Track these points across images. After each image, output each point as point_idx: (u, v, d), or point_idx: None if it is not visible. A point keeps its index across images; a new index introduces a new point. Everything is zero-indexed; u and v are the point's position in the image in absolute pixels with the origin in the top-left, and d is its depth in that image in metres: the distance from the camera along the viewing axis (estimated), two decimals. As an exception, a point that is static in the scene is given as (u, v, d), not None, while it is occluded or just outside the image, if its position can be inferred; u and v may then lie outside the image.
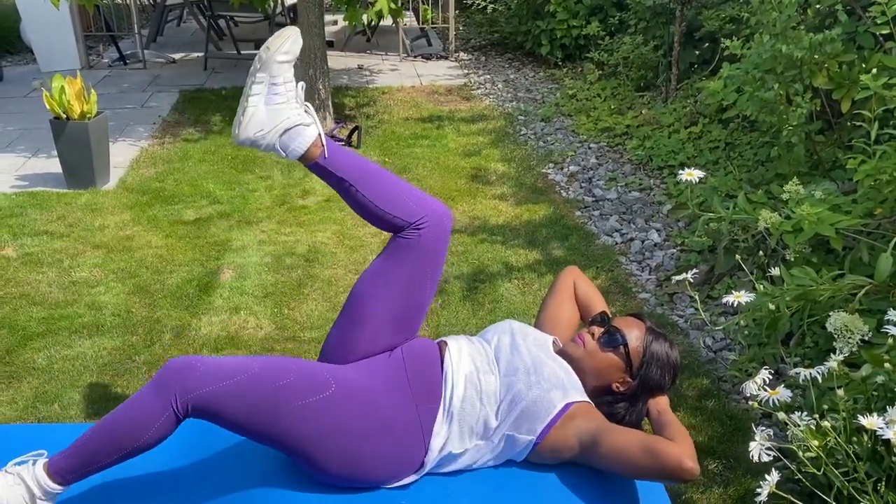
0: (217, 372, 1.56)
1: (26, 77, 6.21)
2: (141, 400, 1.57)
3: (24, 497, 1.57)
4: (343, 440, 1.59)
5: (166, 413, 1.54)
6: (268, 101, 1.69)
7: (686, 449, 1.51)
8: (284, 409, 1.57)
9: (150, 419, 1.55)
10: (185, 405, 1.54)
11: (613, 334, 1.74)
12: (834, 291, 1.86)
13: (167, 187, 4.06)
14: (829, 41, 2.60)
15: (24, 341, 2.71)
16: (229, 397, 1.55)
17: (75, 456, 1.59)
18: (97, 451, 1.58)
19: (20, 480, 1.57)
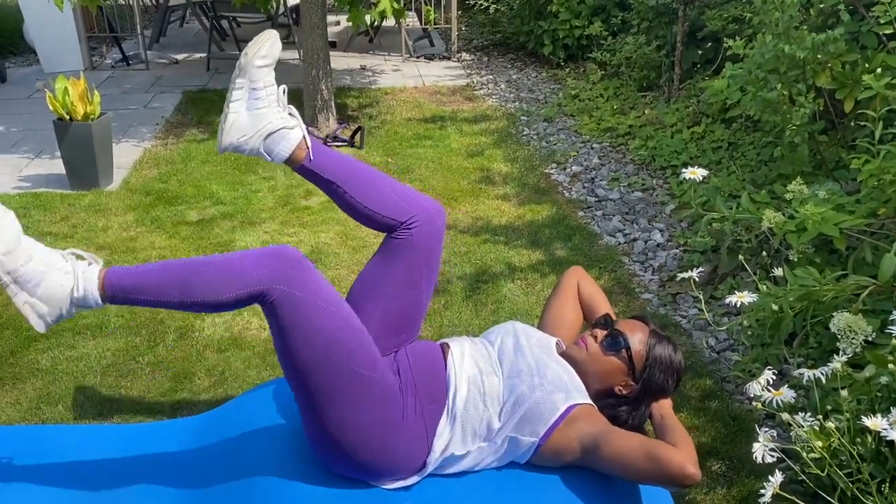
0: (318, 288, 1.57)
1: (30, 78, 6.23)
2: (240, 262, 1.56)
3: (62, 288, 1.55)
4: (360, 418, 1.60)
5: (255, 287, 1.53)
6: (249, 106, 1.69)
7: (688, 455, 1.50)
8: (335, 360, 1.57)
9: (237, 284, 1.54)
10: (274, 293, 1.53)
11: (616, 337, 1.73)
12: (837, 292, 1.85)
13: (170, 188, 4.06)
14: (832, 41, 2.60)
15: (28, 342, 2.71)
16: (309, 316, 1.55)
17: (137, 279, 1.57)
18: (165, 286, 1.55)
19: (72, 273, 1.56)
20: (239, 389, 2.46)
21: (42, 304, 1.55)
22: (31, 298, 1.55)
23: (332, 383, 1.58)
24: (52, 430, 2.06)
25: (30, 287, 1.54)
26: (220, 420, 1.99)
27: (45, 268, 1.55)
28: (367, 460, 1.62)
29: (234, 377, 2.54)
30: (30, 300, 1.55)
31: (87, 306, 1.58)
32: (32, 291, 1.54)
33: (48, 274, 1.55)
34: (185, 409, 2.38)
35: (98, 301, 1.57)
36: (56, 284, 1.55)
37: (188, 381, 2.52)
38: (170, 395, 2.45)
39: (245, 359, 2.63)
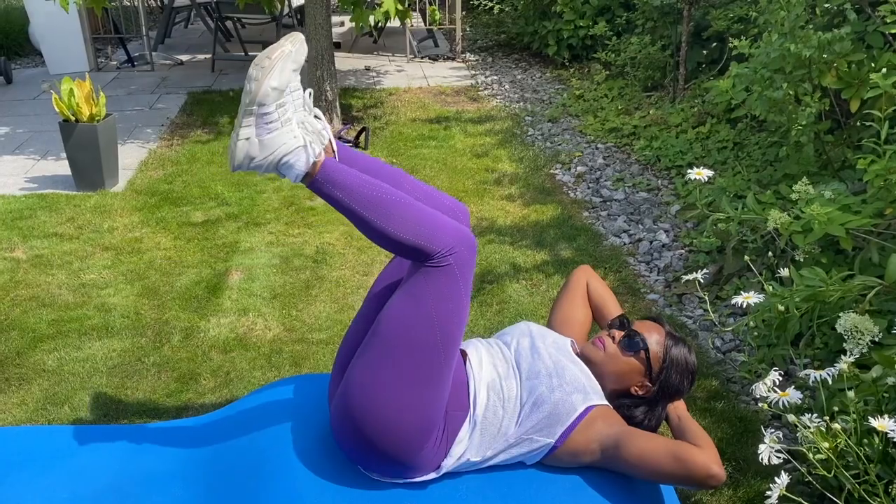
0: (470, 281, 1.62)
1: (35, 79, 6.24)
2: (443, 220, 1.59)
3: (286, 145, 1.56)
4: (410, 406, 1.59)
5: (440, 247, 1.56)
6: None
7: (712, 455, 1.51)
8: (436, 348, 1.59)
9: (432, 234, 1.56)
10: (447, 263, 1.57)
11: (634, 338, 1.73)
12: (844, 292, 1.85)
13: (175, 189, 4.07)
14: (838, 40, 2.59)
15: (35, 343, 2.72)
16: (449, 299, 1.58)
17: (348, 178, 1.59)
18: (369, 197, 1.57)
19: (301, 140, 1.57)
20: (244, 390, 2.46)
21: (258, 147, 1.56)
22: (255, 136, 1.56)
23: (416, 363, 1.58)
24: (58, 430, 2.06)
25: (262, 127, 1.55)
26: (226, 421, 2.00)
27: (286, 121, 1.57)
28: (388, 450, 1.60)
29: (239, 378, 2.54)
30: (252, 137, 1.56)
31: (288, 175, 1.59)
32: (261, 132, 1.56)
33: (284, 128, 1.56)
34: (190, 409, 2.39)
35: (300, 175, 1.58)
36: (281, 140, 1.56)
37: (193, 382, 2.52)
38: (175, 395, 2.46)
39: (250, 360, 2.63)
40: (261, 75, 1.52)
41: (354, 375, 1.63)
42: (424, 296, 1.58)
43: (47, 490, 1.79)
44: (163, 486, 1.81)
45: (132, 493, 1.79)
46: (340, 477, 1.70)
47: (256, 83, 1.53)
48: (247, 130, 1.56)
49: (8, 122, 5.23)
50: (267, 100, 1.53)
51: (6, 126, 5.13)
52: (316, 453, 1.76)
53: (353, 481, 1.69)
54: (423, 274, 1.59)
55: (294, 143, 1.57)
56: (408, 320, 1.58)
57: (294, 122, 1.59)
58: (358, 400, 1.61)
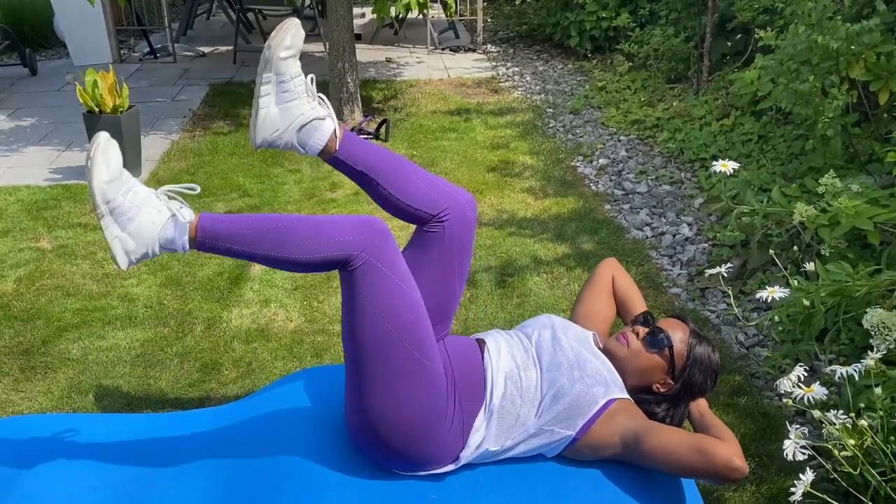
0: (398, 265, 1.58)
1: (59, 71, 6.30)
2: (334, 225, 1.56)
3: (153, 225, 1.54)
4: (407, 404, 1.59)
5: (346, 252, 1.54)
6: (279, 99, 1.65)
7: (735, 448, 1.50)
8: (399, 341, 1.57)
9: (327, 245, 1.54)
10: (360, 260, 1.54)
11: (658, 335, 1.72)
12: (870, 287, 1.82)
13: (198, 180, 4.09)
14: (867, 31, 2.55)
15: (60, 332, 2.75)
16: (386, 292, 1.56)
17: (230, 226, 1.57)
18: (257, 237, 1.55)
19: (168, 215, 1.56)
20: (266, 380, 2.48)
21: (130, 240, 1.54)
22: (121, 233, 1.54)
23: (390, 363, 1.58)
24: (83, 418, 2.09)
25: (123, 221, 1.54)
26: (248, 410, 2.01)
27: (140, 203, 1.55)
28: (403, 449, 1.62)
29: (260, 368, 2.55)
30: (120, 234, 1.54)
31: (174, 249, 1.57)
32: (124, 226, 1.54)
33: (143, 209, 1.54)
34: (212, 399, 2.41)
35: (186, 245, 1.56)
36: (148, 221, 1.54)
37: (216, 372, 2.54)
38: (197, 385, 2.48)
39: (272, 350, 2.65)
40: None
41: (348, 390, 1.66)
42: (361, 301, 1.57)
43: (73, 478, 1.81)
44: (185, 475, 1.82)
45: (155, 481, 1.80)
46: (360, 468, 1.70)
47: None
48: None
49: (33, 113, 5.28)
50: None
51: (31, 117, 5.19)
52: (336, 444, 1.77)
53: (373, 473, 1.69)
54: (348, 282, 1.58)
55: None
56: (360, 330, 1.58)
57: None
58: (360, 411, 1.63)
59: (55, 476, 1.82)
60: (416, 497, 1.64)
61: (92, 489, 1.78)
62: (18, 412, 2.34)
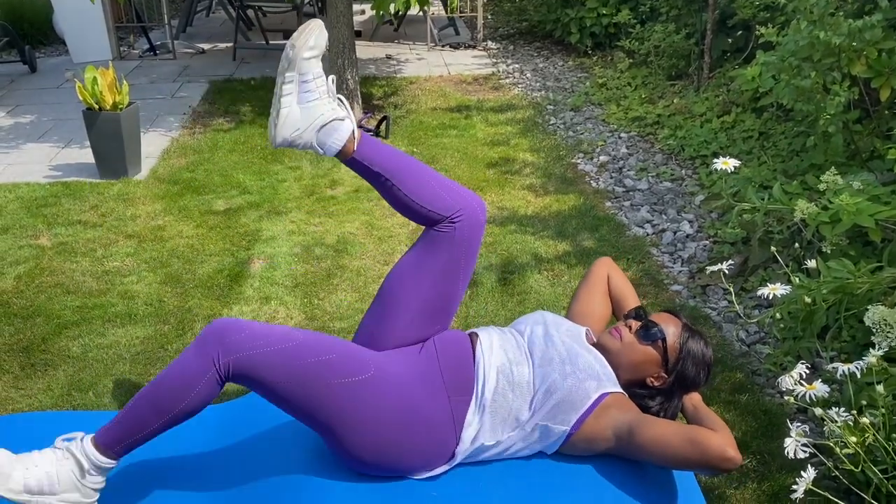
0: (261, 337, 1.55)
1: (59, 68, 6.29)
2: (182, 362, 1.56)
3: (73, 472, 1.57)
4: (376, 425, 1.59)
5: (208, 374, 1.52)
6: (300, 99, 1.67)
7: (728, 438, 1.51)
8: (322, 385, 1.56)
9: (192, 381, 1.53)
10: (227, 366, 1.52)
11: (651, 329, 1.73)
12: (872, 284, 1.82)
13: (198, 177, 4.09)
14: (869, 28, 2.54)
15: (59, 329, 2.75)
16: (271, 364, 1.53)
17: (120, 426, 1.58)
18: (142, 418, 1.56)
19: (69, 455, 1.58)
20: (266, 378, 2.47)
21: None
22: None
23: (337, 406, 1.57)
24: (83, 416, 2.09)
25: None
26: (248, 408, 2.01)
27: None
28: (399, 460, 1.63)
29: (261, 366, 2.55)
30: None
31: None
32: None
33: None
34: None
35: (108, 461, 1.58)
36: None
37: (216, 370, 2.53)
38: (198, 383, 2.47)
39: (272, 348, 2.64)
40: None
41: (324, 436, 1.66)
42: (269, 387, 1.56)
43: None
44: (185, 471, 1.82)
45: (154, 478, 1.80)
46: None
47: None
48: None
49: (32, 110, 5.28)
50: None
51: (31, 114, 5.18)
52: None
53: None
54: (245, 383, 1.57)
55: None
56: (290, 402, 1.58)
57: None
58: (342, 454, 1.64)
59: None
60: (418, 496, 1.64)
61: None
62: (18, 410, 2.34)
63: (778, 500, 1.99)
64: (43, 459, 1.58)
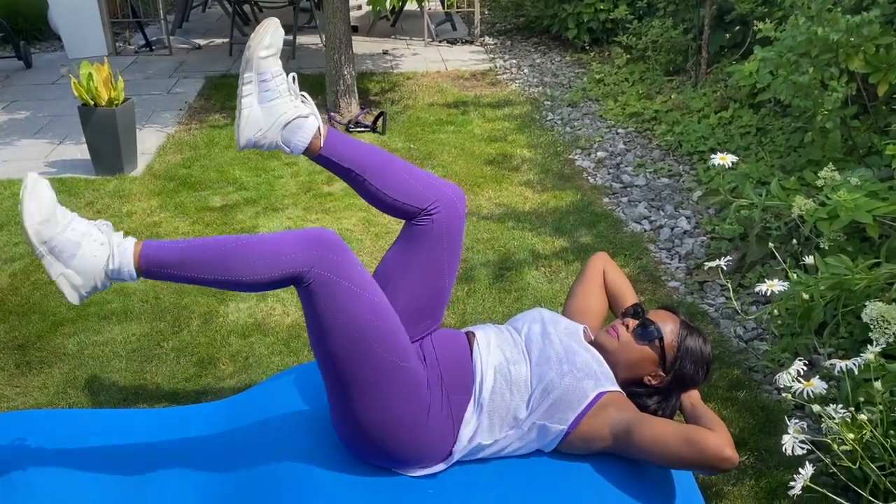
0: (356, 274, 1.56)
1: (54, 64, 6.27)
2: (281, 243, 1.54)
3: (97, 259, 1.52)
4: (387, 407, 1.59)
5: (295, 270, 1.52)
6: (261, 99, 1.65)
7: (725, 437, 1.50)
8: (367, 347, 1.56)
9: (276, 265, 1.52)
10: (312, 276, 1.52)
11: (648, 327, 1.72)
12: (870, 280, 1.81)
13: (194, 173, 4.07)
14: (867, 23, 2.54)
15: (55, 327, 2.74)
16: (344, 302, 1.54)
17: (173, 254, 1.55)
18: (203, 263, 1.53)
19: (107, 244, 1.54)
20: (263, 375, 2.46)
21: (76, 276, 1.52)
22: (65, 269, 1.51)
23: (363, 371, 1.57)
24: (78, 414, 2.08)
25: (64, 258, 1.51)
26: (244, 405, 2.00)
27: (80, 238, 1.52)
28: (394, 449, 1.62)
29: (257, 363, 2.54)
30: (65, 271, 1.52)
31: (122, 279, 1.54)
32: (67, 262, 1.51)
33: (83, 244, 1.52)
34: (209, 394, 2.39)
35: (133, 274, 1.54)
36: (90, 255, 1.52)
37: (212, 367, 2.53)
38: (194, 380, 2.46)
39: (269, 345, 2.64)
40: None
41: (330, 402, 1.66)
42: (321, 316, 1.56)
43: (69, 474, 1.80)
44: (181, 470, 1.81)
45: (151, 477, 1.80)
46: (358, 465, 1.69)
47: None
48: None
49: (27, 106, 5.26)
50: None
51: (26, 110, 5.16)
52: (334, 440, 1.76)
53: (371, 470, 1.68)
54: (306, 298, 1.56)
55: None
56: (327, 344, 1.57)
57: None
58: (343, 421, 1.64)
59: (50, 472, 1.81)
60: (414, 494, 1.63)
61: (87, 485, 1.77)
62: (13, 407, 2.33)
63: (775, 497, 1.99)
64: (80, 230, 1.53)
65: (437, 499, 1.62)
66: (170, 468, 1.83)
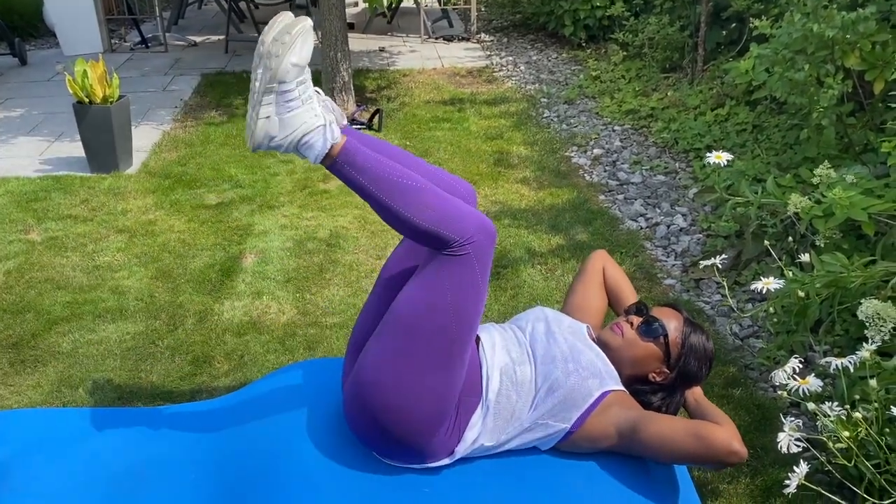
0: (488, 268, 1.60)
1: (49, 61, 6.25)
2: (458, 208, 1.57)
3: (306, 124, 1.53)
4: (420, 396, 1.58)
5: (456, 237, 1.54)
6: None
7: (732, 431, 1.50)
8: (450, 338, 1.58)
9: (446, 222, 1.54)
10: (461, 251, 1.55)
11: (652, 324, 1.72)
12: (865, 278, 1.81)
13: (189, 171, 4.06)
14: (863, 20, 2.53)
15: (49, 325, 2.73)
16: (466, 290, 1.57)
17: (370, 161, 1.57)
18: (389, 181, 1.56)
19: (322, 117, 1.55)
20: (258, 373, 2.46)
21: (277, 127, 1.53)
22: (275, 115, 1.52)
23: (430, 350, 1.57)
24: (73, 413, 2.07)
25: (283, 105, 1.52)
26: (239, 404, 1.99)
27: (306, 99, 1.54)
28: (401, 439, 1.60)
29: (253, 361, 2.54)
30: (273, 115, 1.52)
31: (306, 154, 1.55)
32: (281, 110, 1.52)
33: (305, 106, 1.53)
34: (204, 392, 2.39)
35: (320, 155, 1.55)
36: (303, 118, 1.53)
37: (207, 365, 2.52)
38: (189, 378, 2.46)
39: (264, 343, 2.63)
40: (282, 51, 1.48)
41: (368, 362, 1.62)
42: (442, 285, 1.57)
43: (63, 473, 1.80)
44: (176, 469, 1.81)
45: (146, 475, 1.79)
46: (354, 461, 1.69)
47: (277, 59, 1.48)
48: (267, 109, 1.53)
49: (22, 103, 5.24)
50: (288, 76, 1.50)
51: (21, 108, 5.14)
52: (330, 438, 1.75)
53: (367, 466, 1.68)
54: (441, 262, 1.57)
55: (315, 121, 1.54)
56: (424, 309, 1.57)
57: (315, 100, 1.56)
58: (371, 386, 1.60)
59: (45, 471, 1.80)
60: (410, 490, 1.63)
61: (81, 483, 1.77)
62: (7, 406, 2.32)
63: (771, 495, 1.99)
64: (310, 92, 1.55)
65: (433, 496, 1.61)
66: (164, 467, 1.82)
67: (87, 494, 1.74)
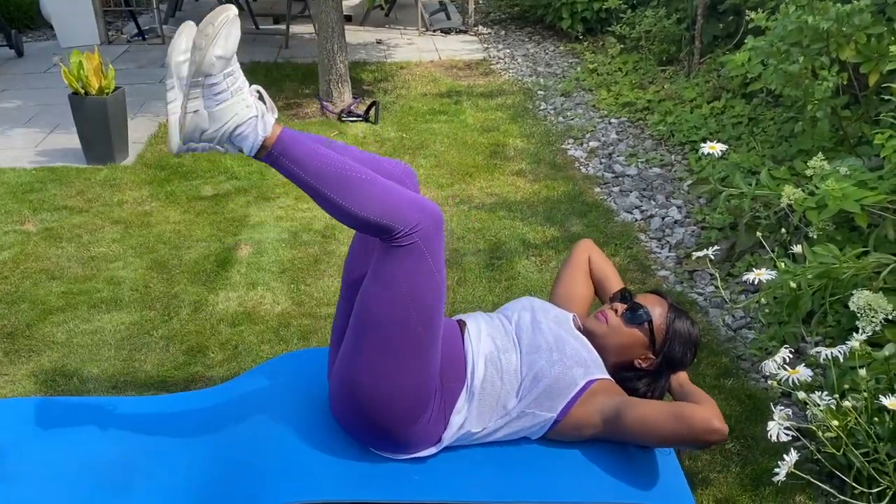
0: (439, 256, 1.58)
1: (46, 53, 6.23)
2: (402, 197, 1.54)
3: (238, 116, 1.49)
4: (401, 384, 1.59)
5: (400, 226, 1.52)
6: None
7: (713, 410, 1.52)
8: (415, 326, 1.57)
9: (389, 212, 1.52)
10: (407, 239, 1.53)
11: (637, 311, 1.73)
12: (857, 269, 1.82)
13: (185, 163, 4.06)
14: (858, 12, 2.53)
15: (44, 315, 2.73)
16: (419, 277, 1.55)
17: (305, 152, 1.52)
18: (326, 171, 1.52)
19: (254, 107, 1.50)
20: (252, 363, 2.46)
21: (207, 121, 1.48)
22: (203, 109, 1.48)
23: (397, 341, 1.57)
24: (68, 402, 2.07)
25: (211, 99, 1.47)
26: (233, 393, 2.00)
27: (237, 89, 1.49)
28: (388, 428, 1.61)
29: (247, 351, 2.54)
30: (201, 110, 1.48)
31: (240, 147, 1.51)
32: (209, 104, 1.48)
33: (235, 97, 1.48)
34: (198, 382, 2.39)
35: (255, 148, 1.50)
36: (235, 110, 1.48)
37: (202, 355, 2.52)
38: (183, 368, 2.46)
39: (258, 333, 2.63)
40: (205, 43, 1.44)
41: (345, 360, 1.64)
42: (395, 277, 1.56)
43: (57, 461, 1.80)
44: (170, 457, 1.81)
45: (140, 464, 1.80)
46: (345, 451, 1.70)
47: (201, 52, 1.44)
48: (195, 103, 1.49)
49: (19, 95, 5.23)
50: (213, 69, 1.46)
51: (17, 99, 5.13)
52: (322, 427, 1.76)
53: (358, 455, 1.69)
54: (391, 254, 1.56)
55: (247, 112, 1.50)
56: (383, 303, 1.57)
57: (246, 91, 1.52)
58: (350, 383, 1.62)
59: (39, 460, 1.81)
60: (400, 479, 1.64)
61: (76, 472, 1.77)
62: (2, 395, 2.33)
63: (760, 483, 2.00)
64: (240, 83, 1.50)
65: (422, 484, 1.62)
66: (158, 456, 1.83)
67: (81, 483, 1.74)
